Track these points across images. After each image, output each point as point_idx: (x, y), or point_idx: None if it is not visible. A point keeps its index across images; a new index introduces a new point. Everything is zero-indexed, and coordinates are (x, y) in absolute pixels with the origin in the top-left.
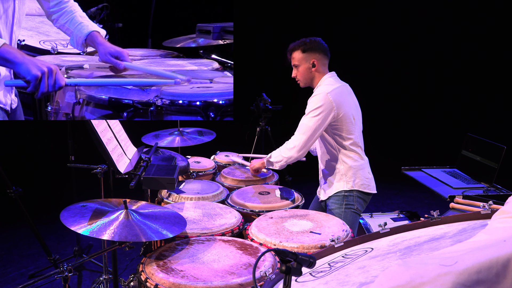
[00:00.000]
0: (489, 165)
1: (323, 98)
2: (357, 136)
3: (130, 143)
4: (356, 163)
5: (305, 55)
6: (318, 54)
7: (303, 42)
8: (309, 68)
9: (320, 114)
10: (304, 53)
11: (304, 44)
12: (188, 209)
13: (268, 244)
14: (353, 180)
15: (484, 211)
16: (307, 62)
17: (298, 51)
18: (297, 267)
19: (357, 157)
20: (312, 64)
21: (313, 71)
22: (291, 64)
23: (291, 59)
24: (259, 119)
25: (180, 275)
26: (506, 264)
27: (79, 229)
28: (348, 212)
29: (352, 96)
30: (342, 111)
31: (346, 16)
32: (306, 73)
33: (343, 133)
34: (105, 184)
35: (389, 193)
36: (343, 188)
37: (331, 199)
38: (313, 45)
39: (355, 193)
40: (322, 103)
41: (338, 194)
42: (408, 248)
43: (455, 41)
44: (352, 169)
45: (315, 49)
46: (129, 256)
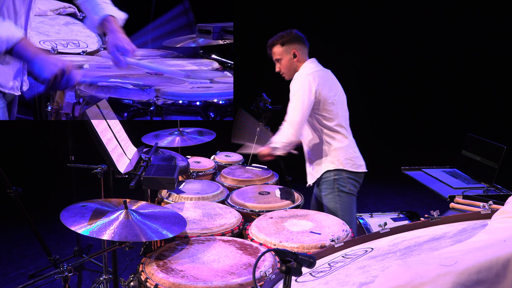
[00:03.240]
0: (489, 165)
1: (303, 80)
2: (340, 119)
3: (130, 143)
4: (340, 143)
5: (285, 48)
6: (297, 44)
7: (281, 35)
8: (291, 59)
9: (303, 96)
10: (284, 46)
11: (282, 38)
12: (188, 209)
13: (268, 244)
14: (338, 160)
15: (484, 211)
16: (288, 54)
17: (277, 46)
18: (297, 267)
19: (341, 137)
20: (293, 55)
21: (295, 61)
22: (273, 60)
23: (272, 55)
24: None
25: (180, 275)
26: (506, 264)
27: (79, 229)
28: (342, 195)
29: (334, 80)
30: (322, 92)
31: (346, 15)
32: (288, 64)
33: (325, 114)
34: (105, 184)
35: (389, 193)
36: (329, 168)
37: (322, 184)
38: (290, 37)
39: (344, 174)
40: (302, 85)
41: (328, 177)
42: (408, 248)
43: (455, 41)
44: (336, 149)
45: (293, 40)
46: (129, 256)
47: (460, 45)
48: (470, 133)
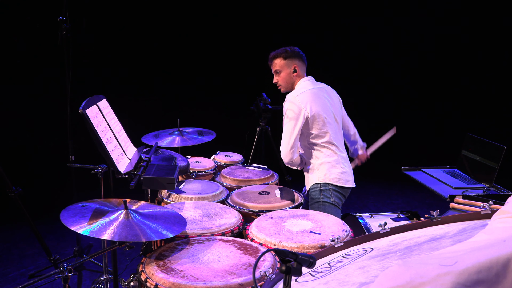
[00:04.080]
0: (489, 165)
1: (291, 102)
2: (330, 136)
3: (130, 143)
4: (328, 158)
5: (287, 62)
6: (297, 61)
7: (285, 50)
8: (290, 73)
9: (291, 118)
10: (286, 60)
11: (285, 52)
12: (188, 209)
13: (268, 244)
14: (325, 174)
15: (484, 211)
16: (288, 68)
17: (280, 58)
18: (297, 267)
19: (330, 152)
20: (293, 70)
21: (294, 76)
22: (272, 71)
23: (272, 66)
24: (259, 119)
25: (180, 275)
26: (506, 264)
27: (79, 229)
28: (326, 205)
29: (327, 97)
30: (311, 112)
31: (344, 16)
32: (287, 78)
33: (313, 131)
34: (105, 184)
35: (389, 193)
36: (316, 181)
37: (310, 194)
38: (293, 53)
39: (330, 186)
40: (290, 107)
41: (315, 188)
42: (408, 248)
43: (455, 41)
44: (324, 164)
45: (295, 56)
46: (129, 256)
47: (460, 45)
48: (470, 133)
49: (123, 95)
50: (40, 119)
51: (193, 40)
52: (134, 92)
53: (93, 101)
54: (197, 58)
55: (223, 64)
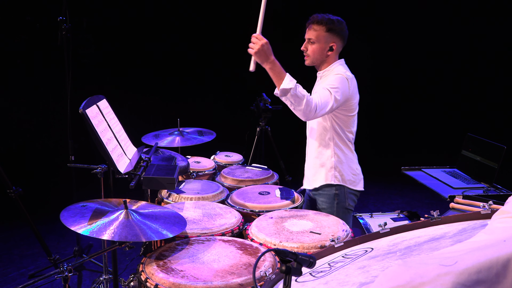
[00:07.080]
0: (489, 165)
1: (344, 81)
2: (354, 131)
3: (130, 143)
4: (347, 157)
5: (327, 35)
6: (339, 40)
7: (331, 20)
8: (325, 50)
9: (339, 92)
10: (327, 33)
11: (331, 23)
12: (188, 209)
13: (268, 244)
14: (341, 175)
15: (484, 211)
16: (326, 43)
17: (321, 28)
18: (297, 267)
19: (349, 151)
20: (330, 48)
21: (328, 54)
22: (305, 36)
23: (307, 30)
24: (259, 119)
25: (180, 275)
26: (506, 264)
27: (79, 229)
28: (340, 211)
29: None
30: (352, 101)
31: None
32: (319, 53)
33: (344, 124)
34: (105, 184)
35: (389, 193)
36: (330, 182)
37: (320, 197)
38: (339, 29)
39: (346, 189)
40: (343, 84)
41: (328, 192)
42: (408, 248)
43: (456, 41)
44: (343, 163)
45: (339, 33)
46: (129, 256)
47: (460, 45)
48: (470, 133)
49: (123, 95)
50: (40, 119)
51: (193, 40)
52: (134, 92)
53: (93, 101)
54: (197, 58)
55: (223, 64)
